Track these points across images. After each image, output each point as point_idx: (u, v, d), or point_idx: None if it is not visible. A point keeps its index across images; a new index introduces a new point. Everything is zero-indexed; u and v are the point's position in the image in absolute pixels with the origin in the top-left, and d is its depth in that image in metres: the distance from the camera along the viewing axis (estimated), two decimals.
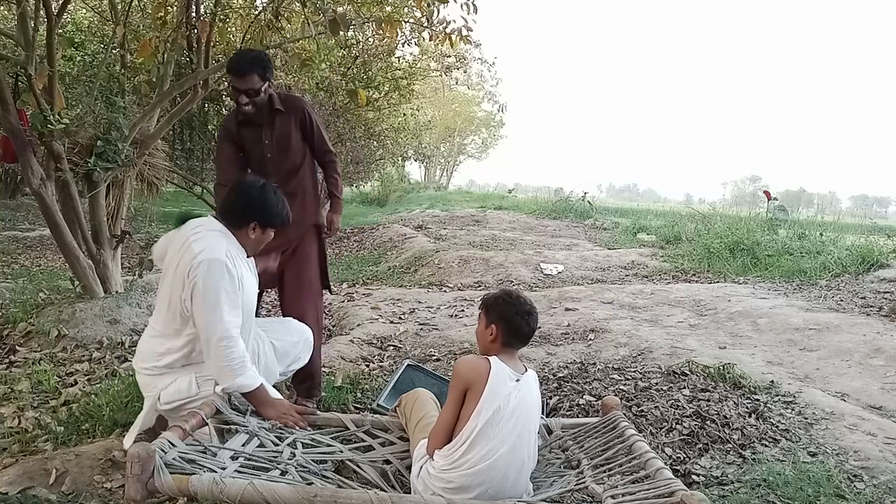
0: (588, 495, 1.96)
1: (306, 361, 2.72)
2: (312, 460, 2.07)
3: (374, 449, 2.25)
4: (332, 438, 2.26)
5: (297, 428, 2.23)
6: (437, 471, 1.93)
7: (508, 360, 2.01)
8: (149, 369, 2.23)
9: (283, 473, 1.91)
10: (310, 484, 1.85)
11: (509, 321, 2.02)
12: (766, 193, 10.88)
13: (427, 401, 2.31)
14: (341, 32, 3.57)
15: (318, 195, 3.15)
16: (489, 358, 1.98)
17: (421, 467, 2.01)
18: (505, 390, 1.93)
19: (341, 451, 2.17)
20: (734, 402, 2.86)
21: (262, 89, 2.78)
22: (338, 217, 3.09)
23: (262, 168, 2.88)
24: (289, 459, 2.00)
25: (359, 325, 4.47)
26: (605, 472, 1.98)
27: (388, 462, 2.18)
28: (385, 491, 1.98)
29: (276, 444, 2.11)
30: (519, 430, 1.93)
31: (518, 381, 1.98)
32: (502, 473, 1.89)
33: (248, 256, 2.35)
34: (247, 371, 2.17)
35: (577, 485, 1.96)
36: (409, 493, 2.04)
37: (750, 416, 2.74)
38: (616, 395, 2.85)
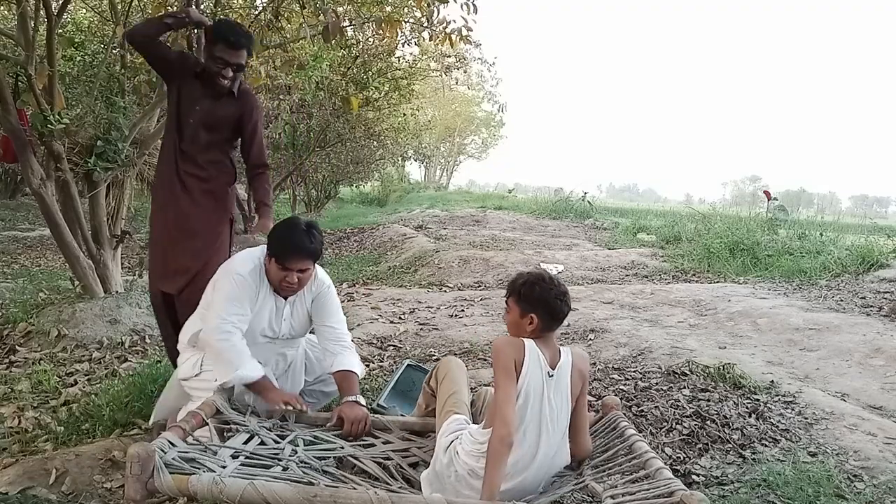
0: (588, 495, 1.96)
1: (360, 371, 2.67)
2: (314, 456, 2.07)
3: (374, 446, 2.25)
4: (333, 436, 2.26)
5: (301, 409, 2.27)
6: (473, 448, 1.87)
7: (546, 347, 1.93)
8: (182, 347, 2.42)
9: (285, 469, 1.91)
10: (311, 479, 1.84)
11: (548, 305, 1.91)
12: (766, 193, 10.88)
13: (459, 375, 2.23)
14: (338, 34, 3.57)
15: (230, 202, 3.02)
16: (524, 341, 1.89)
17: (450, 442, 1.95)
18: (537, 382, 1.87)
19: (342, 448, 2.17)
20: (734, 402, 2.86)
21: (245, 65, 2.70)
22: (269, 221, 2.79)
23: (182, 129, 2.75)
24: (290, 456, 2.00)
25: (359, 325, 4.47)
26: (605, 471, 1.98)
27: (388, 458, 2.17)
28: (388, 483, 1.98)
29: (277, 442, 2.11)
30: (547, 426, 1.88)
31: (552, 376, 1.90)
32: (535, 468, 1.88)
33: (273, 289, 2.39)
34: (245, 364, 2.21)
35: (576, 484, 1.97)
36: (413, 485, 2.04)
37: (750, 416, 2.74)
38: (616, 395, 2.85)
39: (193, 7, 3.05)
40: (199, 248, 2.75)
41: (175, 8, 4.05)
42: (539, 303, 1.93)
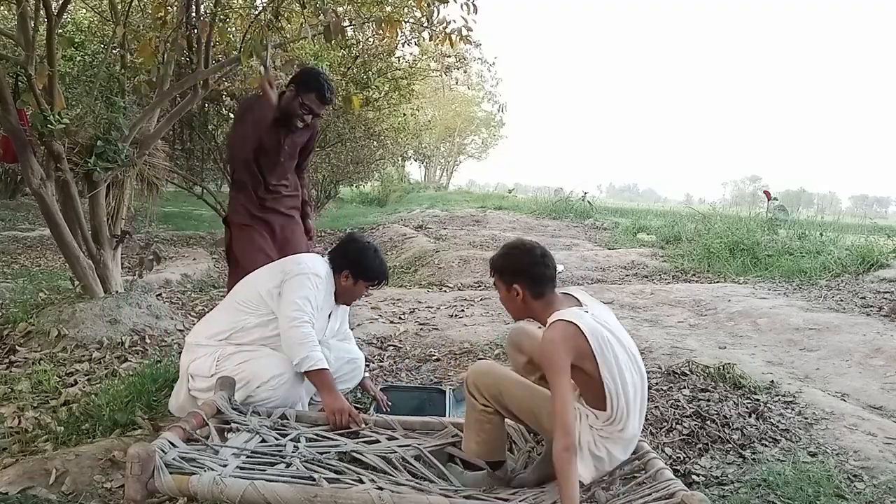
0: (586, 492, 1.96)
1: (352, 385, 2.80)
2: (317, 452, 2.06)
3: (379, 442, 2.25)
4: (335, 434, 2.26)
5: (352, 426, 2.29)
6: (602, 431, 1.84)
7: (560, 304, 1.87)
8: (197, 345, 2.48)
9: (288, 466, 1.91)
10: (313, 476, 1.84)
11: (529, 272, 1.88)
12: (766, 193, 10.87)
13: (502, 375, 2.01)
14: (338, 36, 3.58)
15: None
16: (552, 323, 1.80)
17: None
18: (611, 348, 1.78)
19: (346, 444, 2.17)
20: (734, 402, 2.86)
21: None
22: (312, 224, 3.46)
23: (272, 170, 3.14)
24: (292, 453, 2.00)
25: (358, 325, 4.47)
26: (605, 472, 1.98)
27: (392, 452, 2.17)
28: (392, 476, 1.97)
29: (279, 440, 2.11)
30: (634, 361, 1.84)
31: (587, 311, 1.84)
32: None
33: (336, 302, 2.63)
34: (315, 350, 2.35)
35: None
36: (417, 478, 2.03)
37: (750, 416, 2.74)
38: None
39: (272, 93, 3.03)
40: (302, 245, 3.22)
41: (175, 8, 4.05)
42: (518, 272, 1.90)
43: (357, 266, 2.54)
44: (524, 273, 1.89)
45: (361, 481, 1.85)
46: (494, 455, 2.06)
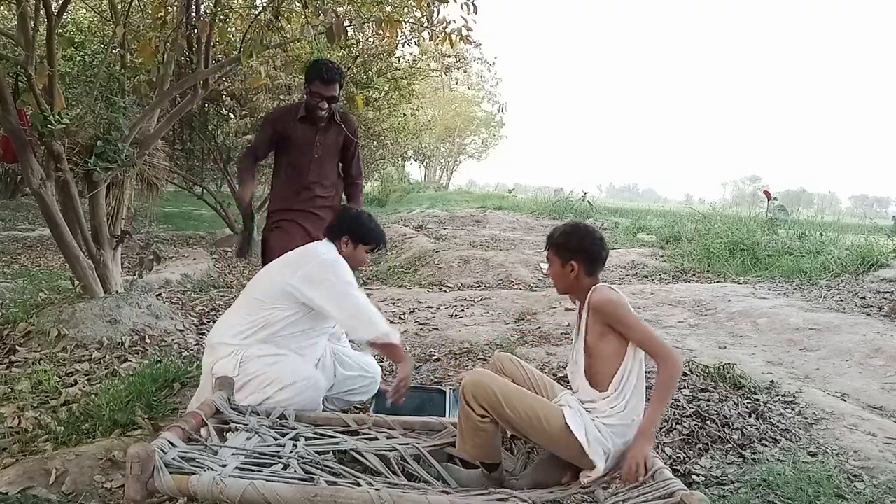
0: (589, 496, 1.96)
1: (364, 398, 2.82)
2: (315, 451, 2.06)
3: (377, 440, 2.25)
4: (335, 431, 2.26)
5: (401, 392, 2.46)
6: (609, 421, 1.95)
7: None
8: (220, 344, 2.45)
9: (286, 467, 1.91)
10: (311, 476, 1.84)
11: (588, 251, 2.02)
12: (766, 193, 10.86)
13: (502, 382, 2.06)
14: (341, 37, 3.58)
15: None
16: (601, 287, 1.99)
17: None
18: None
19: (345, 442, 2.17)
20: (734, 402, 2.86)
21: (339, 97, 3.14)
22: None
23: (307, 167, 3.21)
24: (290, 453, 2.00)
25: None
26: (606, 472, 1.98)
27: (392, 450, 2.17)
28: (388, 478, 1.98)
29: (278, 440, 2.11)
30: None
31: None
32: None
33: None
34: (384, 323, 2.47)
35: (582, 487, 1.97)
36: (415, 480, 2.03)
37: (750, 416, 2.74)
38: None
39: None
40: None
41: (175, 8, 4.05)
42: (577, 249, 2.02)
43: (354, 231, 2.60)
44: (584, 252, 2.02)
45: (359, 484, 1.84)
46: (490, 458, 2.07)
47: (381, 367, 3.61)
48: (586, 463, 1.94)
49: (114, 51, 5.02)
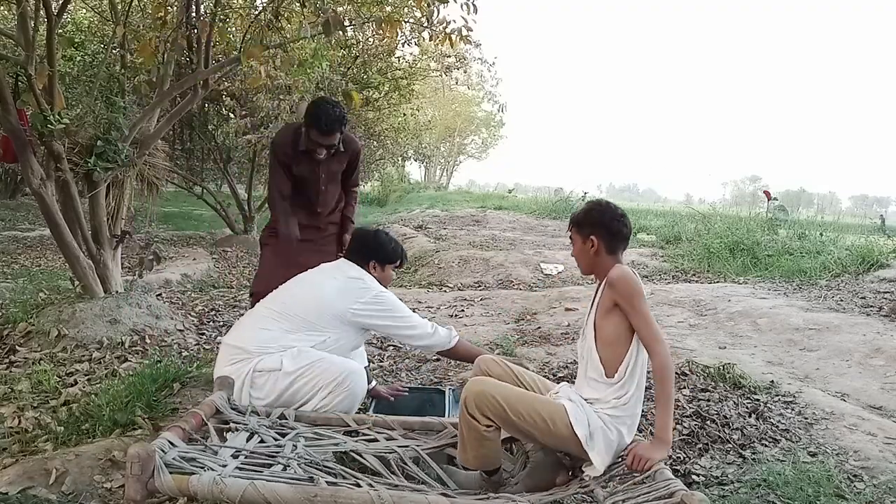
0: (589, 496, 1.96)
1: (346, 404, 2.52)
2: (315, 452, 2.06)
3: (377, 441, 2.24)
4: (334, 432, 2.26)
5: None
6: (613, 411, 1.97)
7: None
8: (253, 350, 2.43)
9: (285, 468, 1.91)
10: (311, 476, 1.84)
11: (608, 226, 2.02)
12: (766, 193, 10.85)
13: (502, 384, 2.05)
14: (339, 32, 3.58)
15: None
16: (621, 266, 1.99)
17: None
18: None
19: (345, 443, 2.17)
20: (734, 402, 2.86)
21: (339, 144, 3.04)
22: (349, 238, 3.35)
23: (314, 197, 3.17)
24: (290, 453, 2.00)
25: None
26: (606, 472, 1.98)
27: (391, 452, 2.16)
28: (388, 479, 1.97)
29: (277, 440, 2.11)
30: None
31: None
32: None
33: None
34: (441, 332, 2.62)
35: (581, 487, 1.97)
36: (414, 481, 2.03)
37: (750, 416, 2.74)
38: None
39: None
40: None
41: (175, 8, 4.05)
42: (597, 224, 2.03)
43: (380, 254, 2.71)
44: (604, 227, 2.02)
45: (359, 484, 1.85)
46: (492, 465, 2.06)
47: (382, 367, 3.62)
48: (591, 457, 1.95)
49: (114, 51, 5.03)
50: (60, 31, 4.44)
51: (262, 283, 3.03)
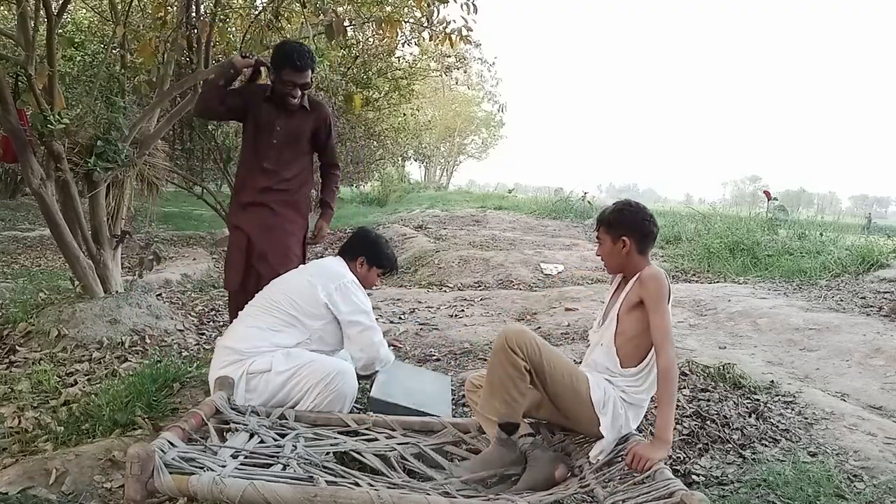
0: (589, 495, 1.96)
1: (335, 404, 2.49)
2: (315, 452, 2.06)
3: (377, 440, 2.24)
4: (334, 432, 2.26)
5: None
6: (624, 396, 2.04)
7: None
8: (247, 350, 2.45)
9: (285, 468, 1.91)
10: (311, 476, 1.84)
11: (640, 228, 2.06)
12: (766, 193, 10.85)
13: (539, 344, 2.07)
14: (340, 35, 3.58)
15: (308, 208, 3.26)
16: (653, 267, 2.04)
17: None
18: None
19: (345, 442, 2.17)
20: (734, 402, 2.86)
21: (311, 82, 2.96)
22: (326, 225, 3.27)
23: (265, 152, 3.00)
24: (290, 453, 2.00)
25: None
26: (606, 472, 1.98)
27: (392, 450, 2.16)
28: (389, 477, 1.97)
29: (277, 440, 2.11)
30: None
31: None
32: None
33: None
34: (387, 349, 2.70)
35: (581, 486, 1.97)
36: (415, 478, 2.03)
37: (750, 416, 2.74)
38: None
39: (237, 55, 3.10)
40: (281, 254, 3.02)
41: (175, 8, 4.05)
42: (629, 225, 2.07)
43: (371, 253, 2.74)
44: (636, 228, 2.07)
45: (359, 484, 1.84)
46: (515, 416, 2.06)
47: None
48: (598, 432, 2.03)
49: (114, 51, 5.03)
50: (60, 31, 4.44)
51: (229, 281, 3.08)
